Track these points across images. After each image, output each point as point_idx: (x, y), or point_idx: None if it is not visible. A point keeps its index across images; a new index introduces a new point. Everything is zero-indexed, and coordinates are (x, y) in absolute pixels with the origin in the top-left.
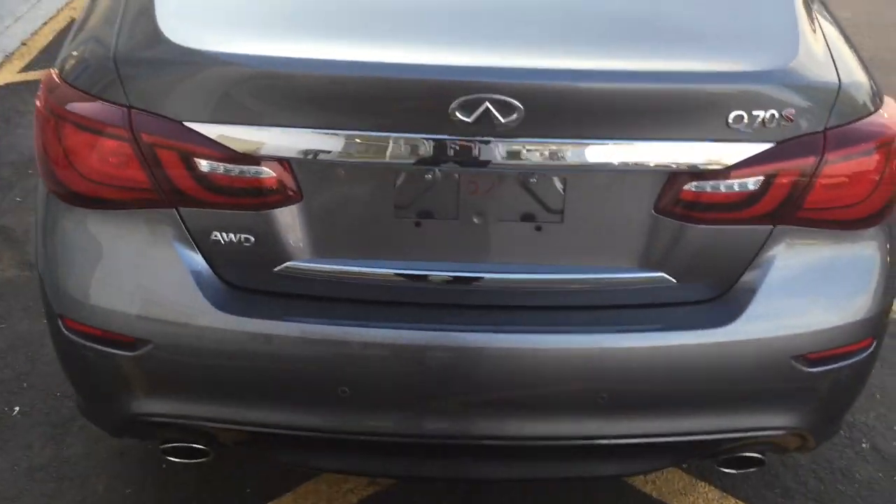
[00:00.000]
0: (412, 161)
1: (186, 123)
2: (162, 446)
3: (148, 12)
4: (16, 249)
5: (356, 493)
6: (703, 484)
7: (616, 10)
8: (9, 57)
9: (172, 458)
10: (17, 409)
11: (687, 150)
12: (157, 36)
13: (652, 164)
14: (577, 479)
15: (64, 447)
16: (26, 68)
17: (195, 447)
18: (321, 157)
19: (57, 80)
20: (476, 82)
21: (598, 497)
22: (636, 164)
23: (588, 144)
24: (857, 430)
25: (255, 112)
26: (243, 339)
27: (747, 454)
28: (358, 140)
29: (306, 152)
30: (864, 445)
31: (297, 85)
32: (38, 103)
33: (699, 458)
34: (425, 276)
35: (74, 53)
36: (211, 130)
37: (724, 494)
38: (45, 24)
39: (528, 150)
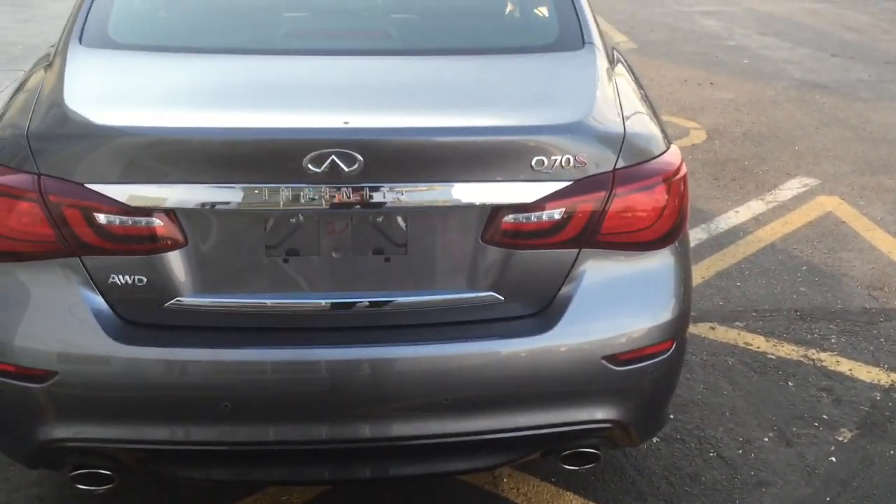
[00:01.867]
0: (276, 207)
1: (87, 185)
2: (71, 474)
3: (57, 98)
4: None
5: None
6: (568, 493)
7: (439, 79)
8: None
9: (82, 486)
10: None
11: (501, 190)
12: (63, 116)
13: (473, 202)
14: (437, 476)
15: None
16: None
17: (101, 472)
18: (201, 207)
19: None
20: (322, 140)
21: None
22: (460, 202)
23: (420, 187)
24: (706, 442)
25: (144, 172)
26: (137, 366)
27: (583, 449)
28: (230, 191)
29: (188, 204)
30: (711, 454)
31: (176, 148)
32: None
33: (540, 452)
34: (293, 304)
35: None
36: (107, 189)
37: (587, 501)
38: None
39: (369, 193)
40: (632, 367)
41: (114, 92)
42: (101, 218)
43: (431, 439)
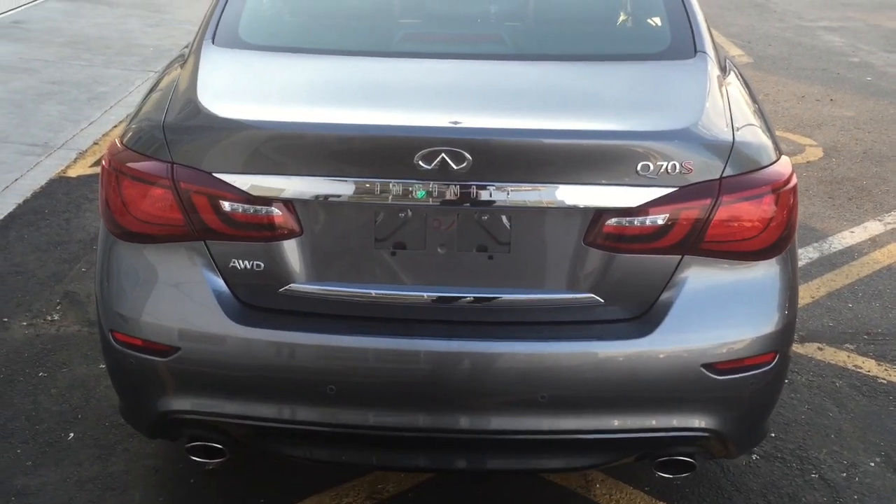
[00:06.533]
0: (386, 201)
1: (214, 174)
2: (186, 446)
3: (191, 93)
4: (79, 309)
5: None
6: None
7: (549, 83)
8: (82, 154)
9: (195, 458)
10: (71, 434)
11: (605, 193)
12: (196, 109)
13: (577, 204)
14: (531, 472)
15: (109, 465)
16: (96, 164)
17: (213, 446)
18: (316, 199)
19: (119, 145)
20: (434, 138)
21: None
22: (564, 203)
23: (525, 188)
24: (808, 463)
25: (267, 164)
26: (252, 346)
27: (678, 457)
28: (344, 185)
29: (304, 195)
30: (812, 475)
31: (296, 142)
32: (104, 164)
33: (633, 457)
34: (398, 296)
35: (133, 126)
36: (232, 179)
37: None
38: (115, 126)
39: (476, 191)
40: (731, 377)
41: (242, 88)
42: (226, 205)
43: (527, 435)
